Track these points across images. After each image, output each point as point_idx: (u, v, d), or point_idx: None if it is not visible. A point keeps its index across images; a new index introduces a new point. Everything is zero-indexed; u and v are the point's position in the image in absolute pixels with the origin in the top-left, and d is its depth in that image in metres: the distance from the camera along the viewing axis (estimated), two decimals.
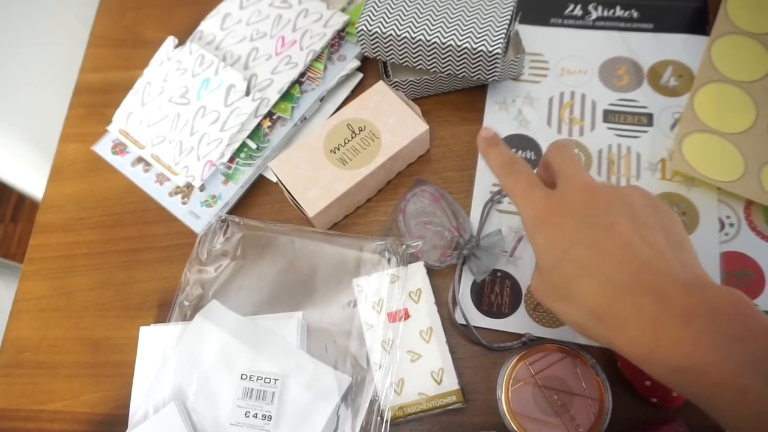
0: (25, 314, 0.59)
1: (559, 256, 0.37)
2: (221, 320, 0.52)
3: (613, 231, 0.35)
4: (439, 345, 0.50)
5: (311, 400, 0.48)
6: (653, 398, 0.48)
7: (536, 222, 0.39)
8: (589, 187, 0.38)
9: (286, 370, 0.49)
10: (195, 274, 0.55)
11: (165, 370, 0.51)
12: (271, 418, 0.47)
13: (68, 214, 0.63)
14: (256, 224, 0.57)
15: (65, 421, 0.55)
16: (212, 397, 0.50)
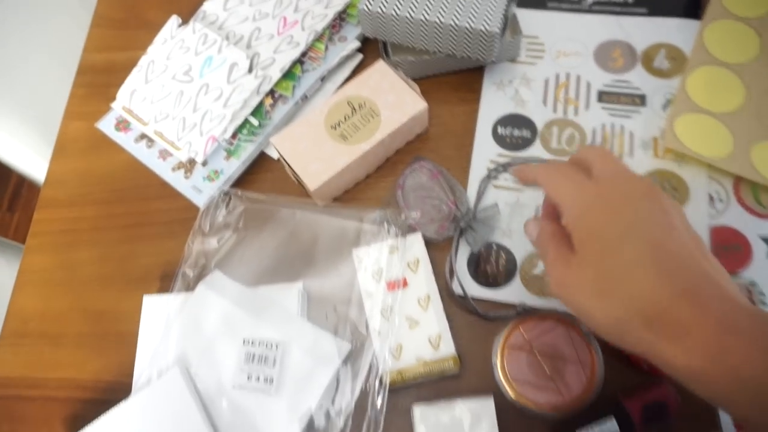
0: (29, 286, 0.60)
1: (611, 244, 0.33)
2: (223, 289, 0.54)
3: (674, 233, 0.33)
4: (436, 312, 0.51)
5: (312, 365, 0.50)
6: (643, 364, 0.49)
7: (585, 205, 0.36)
8: (645, 182, 0.36)
9: (288, 336, 0.51)
10: (198, 246, 0.56)
11: (168, 337, 0.53)
12: (273, 381, 0.49)
13: (72, 189, 0.64)
14: (258, 197, 0.58)
15: (70, 388, 0.56)
16: (215, 363, 0.51)
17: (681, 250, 0.32)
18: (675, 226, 0.33)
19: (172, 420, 0.49)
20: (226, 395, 0.49)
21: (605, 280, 0.33)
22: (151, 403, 0.50)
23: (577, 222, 0.36)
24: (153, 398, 0.50)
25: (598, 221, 0.35)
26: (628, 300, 0.32)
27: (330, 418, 0.49)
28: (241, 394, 0.49)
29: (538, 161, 0.58)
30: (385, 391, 0.49)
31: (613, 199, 0.35)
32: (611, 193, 0.36)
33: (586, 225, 0.35)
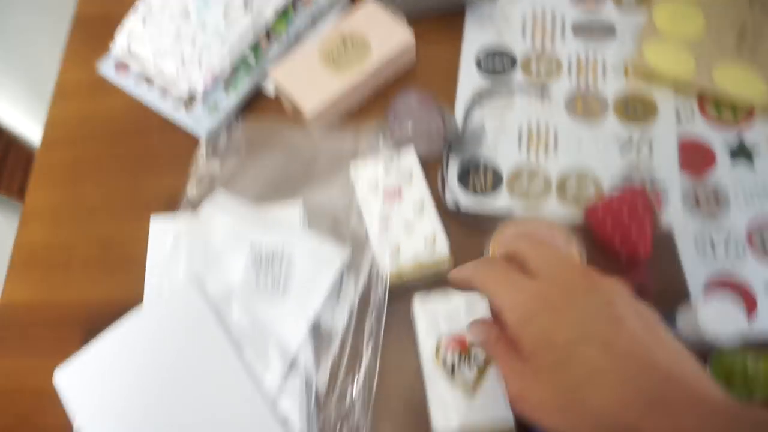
0: (35, 218, 0.63)
1: (564, 352, 0.31)
2: (228, 207, 0.57)
3: (623, 326, 0.30)
4: (430, 217, 0.55)
5: (315, 268, 0.53)
6: (622, 254, 0.54)
7: (526, 309, 0.32)
8: (582, 272, 0.34)
9: (291, 243, 0.54)
10: (202, 170, 0.59)
11: (177, 253, 0.55)
12: (280, 283, 0.52)
13: (73, 130, 0.67)
14: (258, 123, 0.61)
15: (81, 307, 0.58)
16: (223, 273, 0.54)
17: (634, 347, 0.30)
18: (622, 317, 0.31)
19: (185, 327, 0.52)
20: (236, 301, 0.52)
21: (564, 395, 0.30)
22: (164, 311, 0.53)
23: (521, 329, 0.33)
24: (166, 307, 0.53)
25: (543, 327, 0.32)
26: (594, 418, 0.29)
27: (335, 316, 0.52)
28: (250, 298, 0.52)
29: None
30: (386, 289, 0.52)
31: (554, 299, 0.32)
32: (551, 292, 0.33)
33: (532, 332, 0.32)
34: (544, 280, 0.34)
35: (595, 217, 0.55)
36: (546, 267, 0.34)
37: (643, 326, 0.31)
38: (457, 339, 0.50)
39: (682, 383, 0.29)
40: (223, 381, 0.50)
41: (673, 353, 0.30)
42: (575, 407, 0.30)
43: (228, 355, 0.50)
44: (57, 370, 0.52)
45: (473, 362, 0.49)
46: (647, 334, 0.31)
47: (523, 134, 0.61)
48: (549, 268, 0.34)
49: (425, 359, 0.50)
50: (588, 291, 0.33)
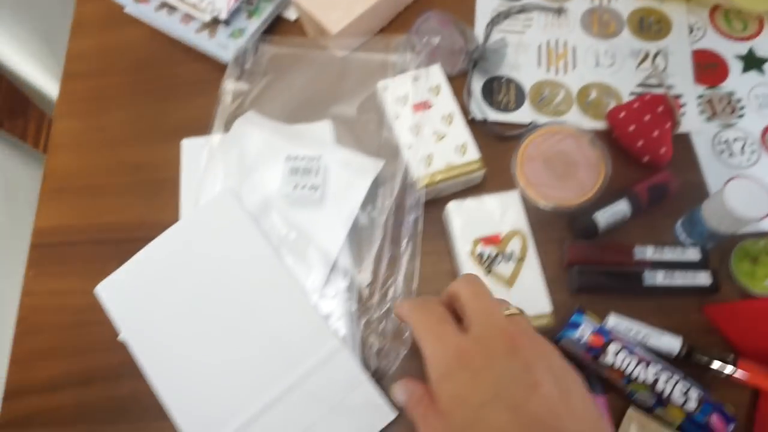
0: (63, 148, 0.63)
1: (473, 413, 0.31)
2: (260, 124, 0.58)
3: (537, 392, 0.31)
4: (460, 126, 0.56)
5: (351, 177, 0.54)
6: (645, 157, 0.56)
7: (446, 365, 0.33)
8: (509, 334, 0.33)
9: (326, 154, 0.55)
10: (231, 90, 0.60)
11: (212, 170, 0.56)
12: (318, 189, 0.53)
13: (94, 62, 0.67)
14: (285, 41, 0.62)
15: (115, 230, 0.59)
16: (260, 186, 0.55)
17: (544, 414, 0.30)
18: (537, 382, 0.31)
19: (226, 233, 0.53)
20: (275, 209, 0.54)
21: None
22: (203, 220, 0.54)
23: (439, 386, 0.33)
24: (205, 215, 0.54)
25: (458, 387, 0.32)
26: None
27: (373, 222, 0.54)
28: (288, 207, 0.53)
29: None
30: (422, 195, 0.54)
31: (474, 359, 0.33)
32: (472, 351, 0.33)
33: (448, 390, 0.32)
34: (469, 337, 0.34)
35: (618, 121, 0.57)
36: (476, 322, 0.34)
37: (558, 393, 0.31)
38: (491, 237, 0.52)
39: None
40: (267, 285, 0.51)
41: (584, 422, 0.31)
42: None
43: (270, 260, 0.52)
44: (99, 285, 0.53)
45: (509, 257, 0.51)
46: (561, 401, 0.31)
47: (542, 52, 0.63)
48: (479, 324, 0.34)
49: (462, 259, 0.51)
50: (509, 353, 0.32)
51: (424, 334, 0.35)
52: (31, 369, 0.54)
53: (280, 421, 0.48)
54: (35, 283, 0.57)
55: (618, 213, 0.53)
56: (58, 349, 0.55)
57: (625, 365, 0.47)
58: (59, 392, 0.53)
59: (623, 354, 0.48)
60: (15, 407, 0.53)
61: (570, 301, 0.53)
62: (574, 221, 0.54)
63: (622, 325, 0.51)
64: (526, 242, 0.52)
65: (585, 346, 0.48)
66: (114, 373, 0.54)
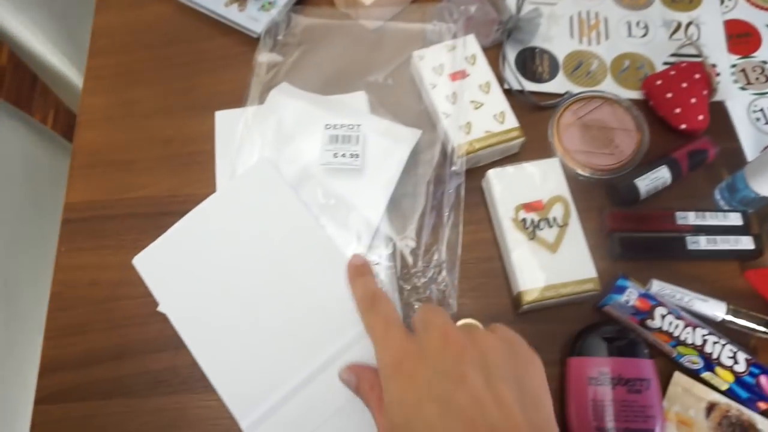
0: (91, 123, 0.62)
1: (410, 413, 0.33)
2: (295, 94, 0.57)
3: (464, 384, 0.32)
4: (497, 94, 0.56)
5: (389, 145, 0.54)
6: (683, 124, 0.56)
7: (390, 368, 0.35)
8: (443, 330, 0.35)
9: (364, 124, 0.55)
10: (264, 62, 0.59)
11: (248, 139, 0.56)
12: (358, 156, 0.53)
13: (120, 38, 0.66)
14: (318, 12, 0.61)
15: (147, 205, 0.58)
16: (298, 153, 0.54)
17: (468, 406, 0.31)
18: (464, 374, 0.32)
19: (264, 202, 0.52)
20: (314, 178, 0.53)
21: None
22: (241, 189, 0.53)
23: (385, 386, 0.36)
24: (243, 185, 0.53)
25: (398, 387, 0.34)
26: None
27: (413, 188, 0.53)
28: (328, 174, 0.53)
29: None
30: (462, 161, 0.53)
31: (411, 362, 0.35)
32: (410, 352, 0.35)
33: (389, 390, 0.35)
34: (411, 339, 0.36)
35: (655, 88, 0.56)
36: (419, 327, 0.37)
37: (484, 384, 0.32)
38: (534, 204, 0.51)
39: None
40: (308, 255, 0.51)
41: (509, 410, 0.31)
42: None
43: (311, 229, 0.51)
44: (136, 257, 0.53)
45: (552, 223, 0.51)
46: (488, 392, 0.32)
47: (574, 23, 0.63)
48: (421, 329, 0.37)
49: (505, 226, 0.51)
50: (441, 350, 0.34)
51: (372, 338, 0.38)
52: (66, 344, 0.54)
53: (323, 392, 0.48)
54: (67, 258, 0.57)
55: (658, 179, 0.53)
56: (92, 323, 0.54)
57: (672, 328, 0.47)
58: (95, 367, 0.53)
59: (671, 317, 0.47)
60: (51, 383, 0.52)
61: (610, 268, 0.52)
62: (614, 188, 0.54)
63: (666, 291, 0.50)
64: (568, 208, 0.51)
65: (632, 310, 0.48)
66: (150, 346, 0.53)
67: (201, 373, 0.50)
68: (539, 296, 0.49)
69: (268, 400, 0.48)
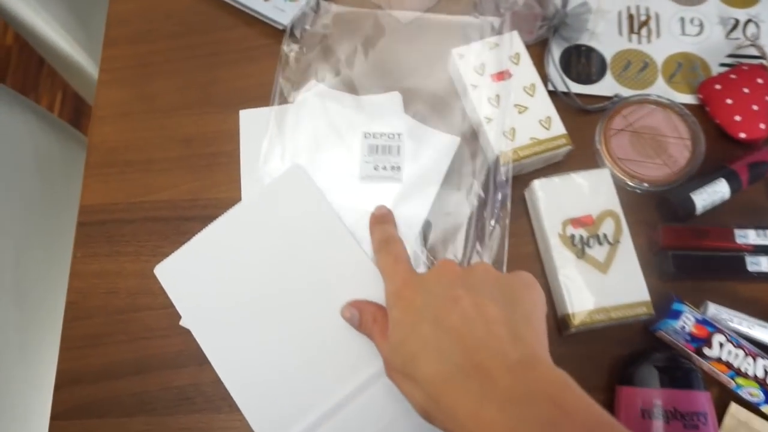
0: (108, 119, 0.59)
1: (407, 331, 0.36)
2: (328, 95, 0.53)
3: (457, 305, 0.35)
4: (543, 98, 0.52)
5: (429, 153, 0.50)
6: (742, 133, 0.52)
7: (394, 296, 0.40)
8: (443, 262, 0.40)
9: (404, 132, 0.51)
10: (291, 55, 0.55)
11: (278, 143, 0.52)
12: (400, 169, 0.49)
13: (137, 26, 0.62)
14: (347, 8, 0.57)
15: (167, 208, 0.55)
16: (333, 159, 0.51)
17: (459, 323, 0.34)
18: (457, 296, 0.35)
19: (296, 211, 0.49)
20: (350, 187, 0.49)
21: (405, 366, 0.36)
22: (272, 198, 0.50)
23: (389, 313, 0.39)
24: (274, 194, 0.50)
25: (399, 313, 0.38)
26: (422, 383, 0.34)
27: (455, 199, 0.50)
28: (365, 184, 0.49)
29: None
30: (508, 170, 0.50)
31: (412, 289, 0.39)
32: (413, 283, 0.39)
33: (394, 316, 0.39)
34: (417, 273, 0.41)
35: (713, 93, 0.53)
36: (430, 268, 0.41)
37: (474, 305, 0.35)
38: (583, 218, 0.48)
39: (486, 349, 0.33)
40: (342, 268, 0.48)
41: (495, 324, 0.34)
42: (411, 377, 0.35)
43: (345, 241, 0.48)
44: (158, 266, 0.49)
45: (603, 240, 0.47)
46: (477, 312, 0.34)
47: (623, 18, 0.58)
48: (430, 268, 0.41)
49: (551, 242, 0.48)
50: (437, 277, 0.38)
51: (383, 273, 0.43)
52: (84, 356, 0.51)
53: (356, 418, 0.45)
54: (83, 264, 0.54)
55: (716, 193, 0.49)
56: (111, 335, 0.51)
57: (732, 358, 0.44)
58: (115, 381, 0.50)
59: (730, 346, 0.44)
60: (68, 397, 0.50)
61: (660, 287, 0.49)
62: (667, 202, 0.50)
63: (723, 315, 0.47)
64: (619, 224, 0.48)
65: (687, 336, 0.45)
66: (173, 361, 0.50)
67: (226, 391, 0.48)
68: (588, 320, 0.45)
69: (297, 424, 0.45)
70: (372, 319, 0.42)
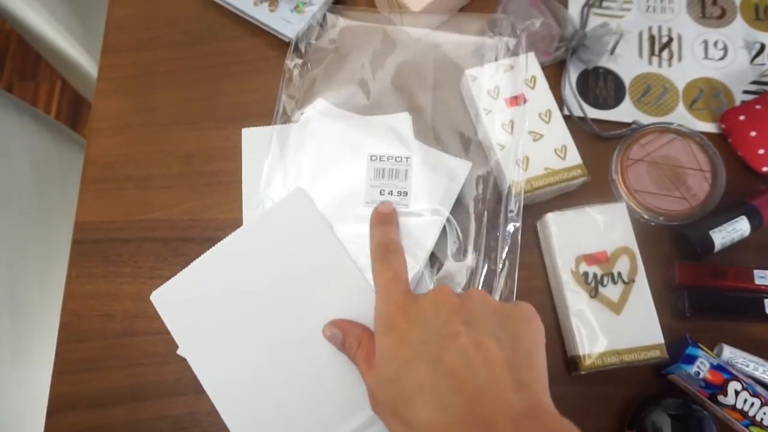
0: (106, 131, 0.57)
1: (400, 368, 0.34)
2: (333, 115, 0.51)
3: (455, 343, 0.33)
4: (559, 125, 0.50)
5: (437, 179, 0.48)
6: (765, 167, 0.50)
7: (386, 321, 0.37)
8: (439, 290, 0.37)
9: (412, 155, 0.49)
10: (295, 70, 0.53)
11: (281, 164, 0.50)
12: (407, 194, 0.47)
13: (137, 33, 0.60)
14: (357, 15, 0.55)
15: (165, 228, 0.53)
16: (337, 182, 0.49)
17: (457, 366, 0.32)
18: (455, 333, 0.33)
19: (299, 239, 0.47)
20: (354, 212, 0.48)
21: (397, 406, 0.33)
22: (274, 223, 0.48)
23: (379, 340, 0.36)
24: (276, 219, 0.48)
25: (392, 341, 0.35)
26: (413, 430, 0.32)
27: (463, 229, 0.48)
28: (370, 209, 0.48)
29: None
30: (519, 201, 0.48)
31: (407, 318, 0.36)
32: (409, 311, 0.36)
33: (382, 346, 0.36)
34: (412, 298, 0.37)
35: (737, 124, 0.50)
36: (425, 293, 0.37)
37: (473, 343, 0.33)
38: (597, 255, 0.46)
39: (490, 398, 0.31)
40: (345, 300, 0.46)
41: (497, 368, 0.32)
42: (404, 419, 0.33)
43: (349, 272, 0.46)
44: (154, 293, 0.48)
45: (618, 279, 0.46)
46: (477, 351, 0.32)
47: (644, 39, 0.56)
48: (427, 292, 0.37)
49: (564, 279, 0.46)
50: (434, 309, 0.35)
51: (376, 287, 0.39)
52: (78, 381, 0.50)
53: None
54: (78, 284, 0.52)
55: (736, 231, 0.47)
56: (106, 359, 0.50)
57: (747, 407, 0.43)
58: (109, 408, 0.49)
59: (745, 394, 0.43)
60: (62, 423, 0.49)
61: (674, 326, 0.48)
62: (684, 238, 0.48)
63: (738, 359, 0.45)
64: (635, 262, 0.46)
65: (702, 383, 0.43)
66: (170, 389, 0.49)
67: (223, 423, 0.46)
68: (599, 362, 0.44)
69: None
70: (357, 342, 0.40)
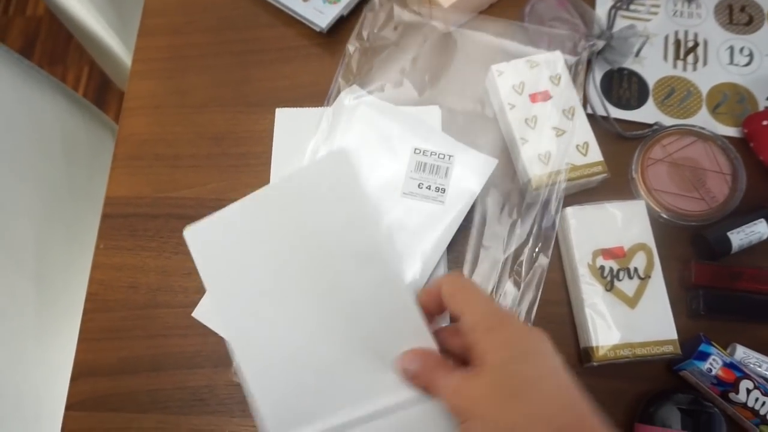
0: (139, 111, 0.58)
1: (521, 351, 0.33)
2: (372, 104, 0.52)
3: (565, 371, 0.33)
4: (581, 122, 0.51)
5: (468, 176, 0.49)
6: None
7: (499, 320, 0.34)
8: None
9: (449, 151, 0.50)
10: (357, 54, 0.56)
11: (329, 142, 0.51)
12: (444, 191, 0.48)
13: (174, 17, 0.62)
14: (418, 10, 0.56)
15: (192, 206, 0.55)
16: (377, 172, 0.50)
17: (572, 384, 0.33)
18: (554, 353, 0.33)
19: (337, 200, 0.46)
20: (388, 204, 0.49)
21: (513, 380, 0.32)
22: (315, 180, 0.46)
23: (487, 335, 0.34)
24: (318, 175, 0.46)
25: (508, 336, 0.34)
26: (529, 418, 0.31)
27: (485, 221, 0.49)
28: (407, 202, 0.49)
29: None
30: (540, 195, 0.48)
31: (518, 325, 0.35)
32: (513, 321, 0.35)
33: (499, 337, 0.34)
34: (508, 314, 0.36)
35: (760, 129, 0.51)
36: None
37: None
38: (614, 250, 0.47)
39: None
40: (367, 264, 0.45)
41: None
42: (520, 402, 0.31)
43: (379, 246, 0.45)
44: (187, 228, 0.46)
45: (633, 274, 0.46)
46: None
47: (670, 43, 0.57)
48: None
49: (580, 272, 0.47)
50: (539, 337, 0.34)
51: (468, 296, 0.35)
52: (101, 349, 0.51)
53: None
54: (105, 256, 0.54)
55: (754, 234, 0.48)
56: (129, 330, 0.51)
57: (758, 405, 0.43)
58: (130, 376, 0.50)
59: (757, 393, 0.43)
60: (84, 388, 0.50)
61: (688, 325, 0.48)
62: (702, 239, 0.49)
63: (751, 359, 0.46)
64: (652, 258, 0.47)
65: (713, 379, 0.44)
66: (189, 361, 0.50)
67: (240, 396, 0.48)
68: (612, 354, 0.45)
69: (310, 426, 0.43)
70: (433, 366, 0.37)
